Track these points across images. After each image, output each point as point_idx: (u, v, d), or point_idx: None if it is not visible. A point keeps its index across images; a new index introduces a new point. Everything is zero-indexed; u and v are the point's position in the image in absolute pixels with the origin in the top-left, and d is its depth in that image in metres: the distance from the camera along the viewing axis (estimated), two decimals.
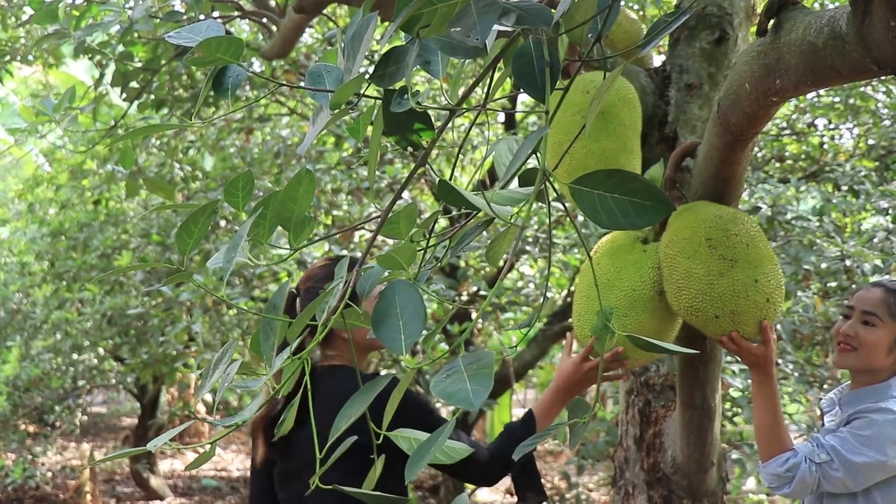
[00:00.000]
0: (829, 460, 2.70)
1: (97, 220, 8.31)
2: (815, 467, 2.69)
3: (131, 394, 10.51)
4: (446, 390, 1.26)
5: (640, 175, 1.46)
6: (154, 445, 1.42)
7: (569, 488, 7.36)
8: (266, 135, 7.81)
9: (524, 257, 6.80)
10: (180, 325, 6.51)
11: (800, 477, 2.69)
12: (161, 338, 6.92)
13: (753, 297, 2.30)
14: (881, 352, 2.82)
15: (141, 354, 7.25)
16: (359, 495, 1.50)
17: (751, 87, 2.08)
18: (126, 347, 7.86)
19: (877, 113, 6.80)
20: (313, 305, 1.48)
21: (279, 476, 2.95)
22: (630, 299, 2.35)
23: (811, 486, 2.71)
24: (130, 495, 10.12)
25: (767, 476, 2.75)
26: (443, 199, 1.55)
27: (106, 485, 10.57)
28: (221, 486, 10.90)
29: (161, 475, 10.35)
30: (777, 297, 2.37)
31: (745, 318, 2.32)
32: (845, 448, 2.69)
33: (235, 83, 1.58)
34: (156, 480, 10.00)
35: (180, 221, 1.66)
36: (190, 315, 6.82)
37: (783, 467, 2.70)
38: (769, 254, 2.36)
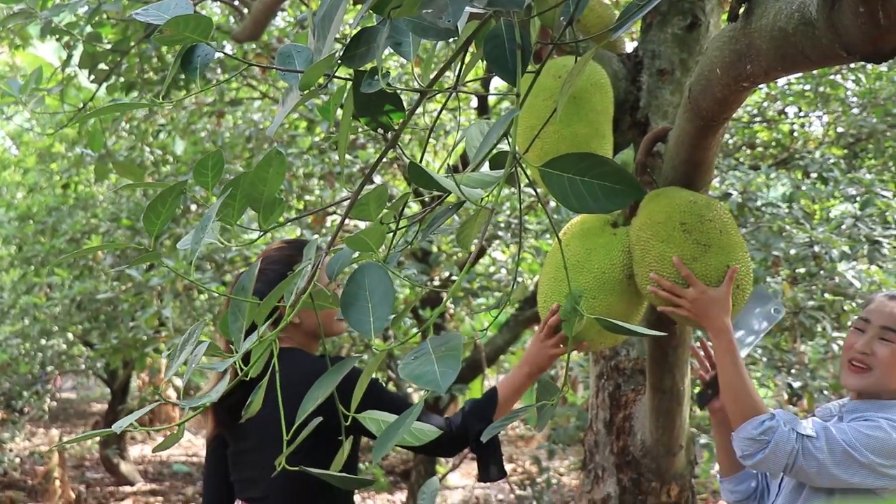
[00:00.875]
0: (814, 436, 2.40)
1: (66, 203, 8.23)
2: (797, 437, 2.39)
3: (101, 379, 10.45)
4: (414, 372, 1.26)
5: (610, 159, 1.46)
6: (119, 427, 1.41)
7: (539, 473, 7.39)
8: (238, 119, 7.77)
9: (496, 242, 6.80)
10: (150, 309, 6.47)
11: (775, 441, 2.39)
12: (131, 323, 6.88)
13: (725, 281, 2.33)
14: (893, 372, 2.53)
15: (111, 339, 7.20)
16: (324, 476, 1.49)
17: (722, 72, 2.08)
18: (96, 332, 7.81)
19: (846, 101, 6.85)
20: (281, 287, 1.47)
21: (231, 458, 2.95)
22: (599, 282, 2.36)
23: (787, 457, 2.40)
24: (100, 481, 10.07)
25: (740, 442, 2.45)
26: (413, 182, 1.54)
27: (75, 470, 10.51)
28: (192, 471, 10.87)
29: (131, 461, 10.30)
30: (746, 283, 2.37)
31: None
32: (841, 435, 2.41)
33: (204, 63, 1.56)
34: (126, 466, 9.95)
35: None
36: (160, 300, 6.78)
37: (758, 430, 2.41)
38: (740, 241, 2.38)
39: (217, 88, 7.34)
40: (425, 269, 6.45)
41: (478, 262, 7.70)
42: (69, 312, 7.70)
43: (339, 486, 1.62)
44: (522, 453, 11.75)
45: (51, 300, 7.83)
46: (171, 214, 1.56)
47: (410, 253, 6.76)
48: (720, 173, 5.76)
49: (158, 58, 5.76)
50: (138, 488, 9.81)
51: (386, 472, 10.68)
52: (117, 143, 7.75)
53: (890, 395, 2.54)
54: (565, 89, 1.58)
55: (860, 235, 4.88)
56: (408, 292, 7.21)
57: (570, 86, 1.57)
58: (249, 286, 1.58)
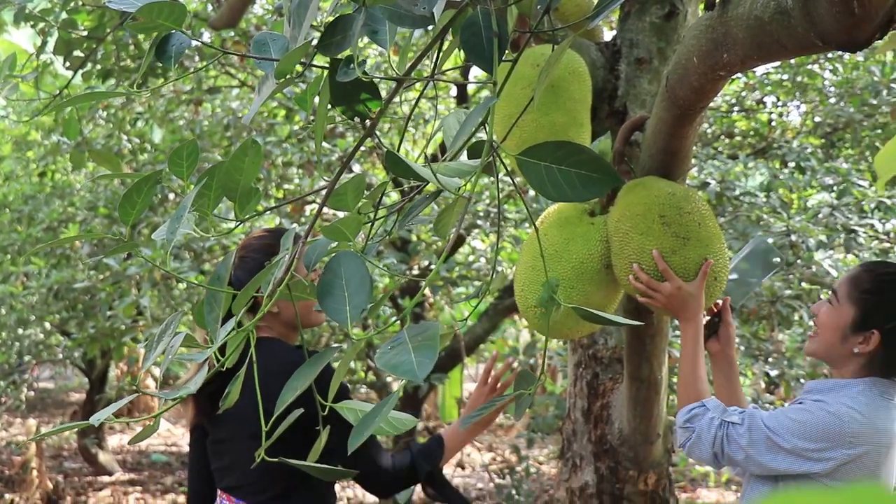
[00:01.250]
0: (738, 423, 2.36)
1: (43, 192, 8.17)
2: (720, 424, 2.36)
3: (79, 369, 10.39)
4: (391, 362, 1.25)
5: (587, 147, 1.46)
6: (97, 419, 1.41)
7: (519, 461, 7.41)
8: (216, 107, 7.73)
9: (475, 231, 6.80)
10: (128, 299, 6.44)
11: (699, 428, 2.38)
12: (109, 312, 6.84)
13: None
14: (835, 335, 2.44)
15: (88, 329, 7.16)
16: (305, 467, 1.49)
17: (699, 61, 2.09)
18: (73, 322, 7.76)
19: (823, 91, 6.88)
20: (259, 277, 1.46)
21: (210, 447, 2.95)
22: (577, 271, 2.36)
23: (711, 445, 2.37)
24: (78, 471, 10.03)
25: (677, 430, 2.47)
26: (390, 170, 1.54)
27: (53, 461, 10.46)
28: (171, 461, 10.84)
29: (109, 450, 10.26)
30: (723, 275, 2.39)
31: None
32: (765, 420, 2.36)
33: (179, 51, 1.55)
34: (104, 456, 9.91)
35: None
36: (138, 289, 6.74)
37: (685, 416, 2.42)
38: (718, 233, 2.39)
39: (195, 76, 7.29)
40: (404, 259, 6.45)
41: (457, 251, 7.70)
42: (46, 301, 7.64)
43: (320, 477, 1.62)
44: (502, 442, 11.78)
45: (27, 289, 7.77)
46: (146, 204, 1.55)
47: (389, 242, 6.76)
48: (698, 162, 5.78)
49: (135, 45, 5.72)
50: (117, 478, 9.78)
51: None
52: (94, 130, 7.69)
53: (842, 368, 2.47)
54: (543, 77, 1.58)
55: (837, 224, 4.91)
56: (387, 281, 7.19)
57: (547, 74, 1.57)
58: (225, 276, 1.57)
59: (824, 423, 2.33)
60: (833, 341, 2.45)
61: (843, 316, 2.43)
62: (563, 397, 6.16)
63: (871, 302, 2.41)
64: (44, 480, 8.56)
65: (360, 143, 1.58)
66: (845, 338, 2.43)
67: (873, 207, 5.08)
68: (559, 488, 3.61)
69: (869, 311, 2.41)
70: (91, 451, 9.72)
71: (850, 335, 2.42)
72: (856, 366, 2.44)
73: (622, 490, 3.39)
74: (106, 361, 9.82)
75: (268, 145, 6.48)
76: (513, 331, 12.03)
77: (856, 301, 2.43)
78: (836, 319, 2.44)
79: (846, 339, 2.43)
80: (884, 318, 2.40)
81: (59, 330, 8.77)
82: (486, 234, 6.94)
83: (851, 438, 2.32)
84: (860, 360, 2.43)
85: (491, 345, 11.43)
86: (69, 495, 8.83)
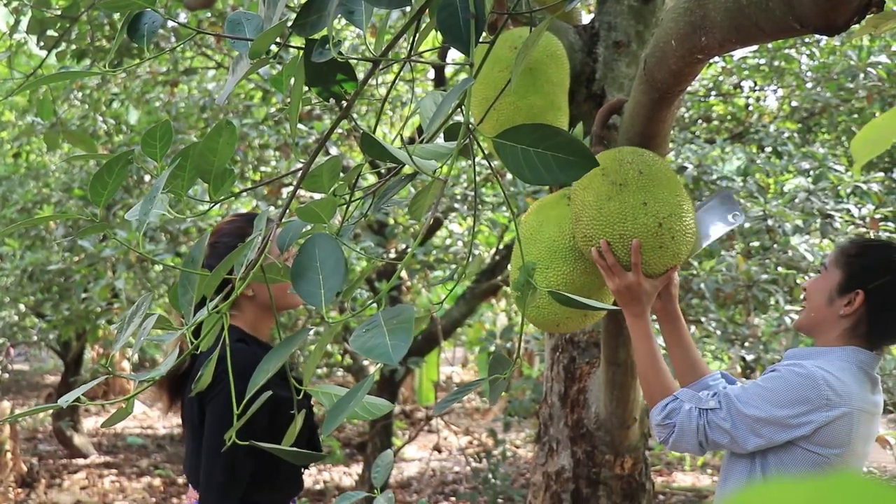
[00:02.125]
0: (716, 408, 2.38)
1: (17, 173, 8.10)
2: (699, 413, 2.38)
3: (54, 351, 10.34)
4: (366, 345, 1.24)
5: (563, 130, 1.44)
6: (65, 401, 1.39)
7: (495, 445, 7.43)
8: (192, 89, 7.67)
9: (453, 215, 6.79)
10: (103, 281, 6.39)
11: (679, 422, 2.39)
12: (84, 294, 6.80)
13: (642, 219, 2.24)
14: (822, 298, 2.50)
15: (63, 311, 7.11)
16: (275, 451, 1.48)
17: (677, 44, 2.08)
18: (48, 304, 7.71)
19: (801, 75, 6.90)
20: (230, 259, 1.45)
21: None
22: (550, 251, 2.35)
23: (695, 435, 2.39)
24: (53, 453, 9.98)
25: (654, 429, 2.47)
26: (366, 152, 1.52)
27: (28, 443, 10.41)
28: (147, 443, 10.81)
29: (85, 433, 10.22)
30: (675, 225, 2.27)
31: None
32: (740, 398, 2.38)
33: (151, 29, 1.53)
34: (79, 438, 9.87)
35: None
36: (114, 272, 6.70)
37: (661, 414, 2.43)
38: (668, 184, 2.30)
39: (171, 57, 7.23)
40: (381, 242, 6.43)
41: (434, 234, 7.69)
42: (21, 283, 7.59)
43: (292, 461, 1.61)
44: (479, 426, 11.80)
45: (2, 271, 7.71)
46: (118, 184, 1.53)
47: (367, 225, 6.74)
48: (676, 147, 5.78)
49: (110, 25, 5.67)
50: (92, 461, 9.74)
51: (342, 444, 10.69)
52: (69, 111, 7.62)
53: (825, 335, 2.52)
54: (520, 59, 1.57)
55: (813, 209, 4.92)
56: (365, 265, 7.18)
57: (524, 56, 1.56)
58: (199, 258, 1.55)
59: (798, 387, 2.36)
60: (820, 305, 2.51)
61: (830, 280, 2.50)
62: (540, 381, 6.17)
63: (857, 264, 2.49)
64: (18, 463, 8.51)
65: (335, 125, 1.56)
66: (832, 300, 2.48)
67: (849, 192, 5.10)
68: (535, 472, 3.60)
69: (854, 272, 2.48)
70: (66, 433, 9.68)
71: (836, 297, 2.48)
72: (840, 332, 2.49)
73: (598, 474, 3.40)
74: (81, 344, 9.77)
75: (244, 127, 6.44)
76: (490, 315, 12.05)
77: (842, 265, 2.50)
78: (823, 284, 2.51)
79: (832, 301, 2.48)
80: (868, 278, 2.47)
81: (33, 312, 8.72)
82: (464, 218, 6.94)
83: (826, 400, 2.34)
84: (845, 324, 2.48)
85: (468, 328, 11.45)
86: (44, 478, 8.79)
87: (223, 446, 2.68)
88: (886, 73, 6.18)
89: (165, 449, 10.61)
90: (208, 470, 2.66)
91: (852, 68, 6.23)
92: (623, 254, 2.28)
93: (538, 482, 3.54)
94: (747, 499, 0.40)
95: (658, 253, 2.28)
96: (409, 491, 9.05)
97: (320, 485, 9.09)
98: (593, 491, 3.40)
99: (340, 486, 8.97)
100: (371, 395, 1.70)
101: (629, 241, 2.26)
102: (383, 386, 7.42)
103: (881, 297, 2.46)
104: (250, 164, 6.88)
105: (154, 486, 8.84)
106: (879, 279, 2.46)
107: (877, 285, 2.46)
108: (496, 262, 7.42)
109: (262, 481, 2.76)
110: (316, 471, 9.54)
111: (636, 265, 2.28)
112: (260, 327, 2.88)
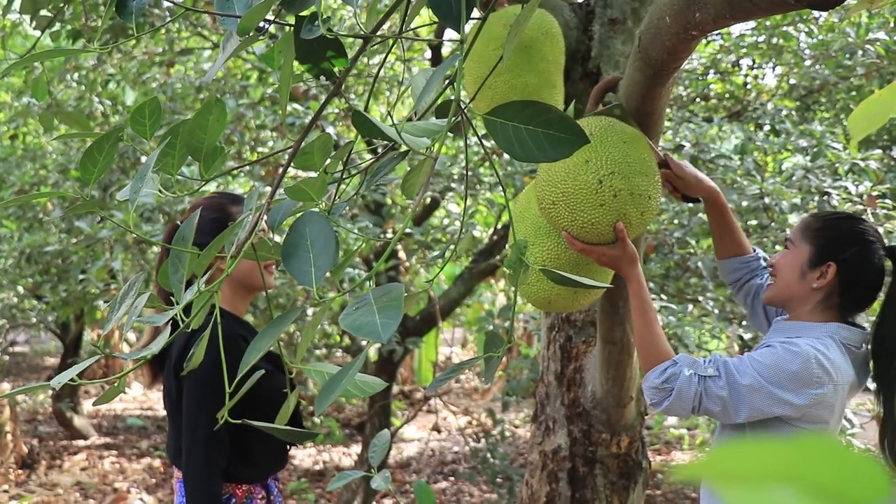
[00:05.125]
0: (715, 375, 2.40)
1: (14, 155, 8.08)
2: (699, 379, 2.39)
3: (53, 333, 10.35)
4: (355, 323, 1.24)
5: (554, 107, 1.43)
6: (58, 381, 1.39)
7: (494, 425, 7.45)
8: (189, 69, 7.64)
9: (450, 195, 6.78)
10: (100, 262, 6.39)
11: (678, 387, 2.40)
12: (81, 276, 6.80)
13: (583, 177, 2.20)
14: (794, 274, 2.54)
15: (60, 292, 7.11)
16: (268, 429, 1.48)
17: (671, 20, 2.07)
18: (46, 286, 7.71)
19: (799, 53, 6.87)
20: (222, 237, 1.44)
21: None
22: (535, 227, 2.35)
23: (692, 401, 2.40)
24: (53, 435, 10.01)
25: (648, 391, 2.46)
26: (357, 129, 1.51)
27: (28, 424, 10.43)
28: (147, 425, 10.83)
29: (85, 415, 10.24)
30: (618, 183, 2.21)
31: (577, 200, 2.23)
32: (738, 369, 2.40)
33: (139, 7, 1.52)
34: (79, 420, 9.89)
35: None
36: (111, 253, 6.69)
37: (661, 378, 2.42)
38: (621, 146, 2.24)
39: (167, 38, 7.20)
40: (378, 222, 6.42)
41: (432, 214, 7.68)
42: (19, 265, 7.59)
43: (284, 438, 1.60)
44: (477, 406, 11.83)
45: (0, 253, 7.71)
46: (109, 161, 1.52)
47: (364, 206, 6.73)
48: (674, 125, 5.77)
49: (104, 5, 5.63)
50: (92, 442, 9.76)
51: (342, 425, 10.71)
52: (65, 92, 7.60)
53: (802, 309, 2.56)
54: (512, 35, 1.56)
55: (811, 187, 4.91)
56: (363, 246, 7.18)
57: (517, 32, 1.55)
58: (189, 236, 1.55)
59: (793, 363, 2.38)
60: (791, 280, 2.55)
61: (800, 255, 2.55)
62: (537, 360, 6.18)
63: (826, 236, 2.54)
64: (18, 444, 8.53)
65: (326, 102, 1.55)
66: (804, 275, 2.54)
67: (847, 170, 5.08)
68: (532, 451, 3.61)
69: (824, 245, 2.53)
70: (66, 415, 9.70)
71: (808, 271, 2.53)
72: (813, 304, 2.55)
73: (595, 453, 3.40)
74: (80, 325, 9.78)
75: (241, 108, 6.42)
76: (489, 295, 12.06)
77: (811, 239, 2.55)
78: (793, 259, 2.55)
79: (804, 275, 2.53)
80: (839, 249, 2.52)
81: (32, 294, 8.72)
82: (461, 198, 6.92)
83: (817, 378, 2.38)
84: (818, 296, 2.54)
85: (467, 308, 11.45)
86: (44, 459, 8.81)
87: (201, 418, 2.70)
88: (885, 50, 6.15)
89: (165, 430, 10.64)
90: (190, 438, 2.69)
91: (851, 45, 6.20)
92: (573, 214, 2.24)
93: (535, 461, 3.55)
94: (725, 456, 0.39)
95: (599, 211, 2.23)
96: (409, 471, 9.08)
97: (319, 465, 9.11)
98: (590, 469, 3.41)
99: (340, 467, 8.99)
100: (369, 375, 1.69)
101: (573, 200, 2.22)
102: (382, 366, 7.43)
103: (851, 268, 2.51)
104: (247, 144, 6.86)
105: (154, 466, 8.87)
106: (849, 250, 2.51)
107: (846, 256, 2.51)
108: (494, 242, 7.41)
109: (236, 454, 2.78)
110: (315, 451, 9.57)
111: (623, 240, 2.28)
112: (237, 304, 2.90)
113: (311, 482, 8.51)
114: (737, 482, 0.39)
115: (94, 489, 8.08)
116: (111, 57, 7.07)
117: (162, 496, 7.94)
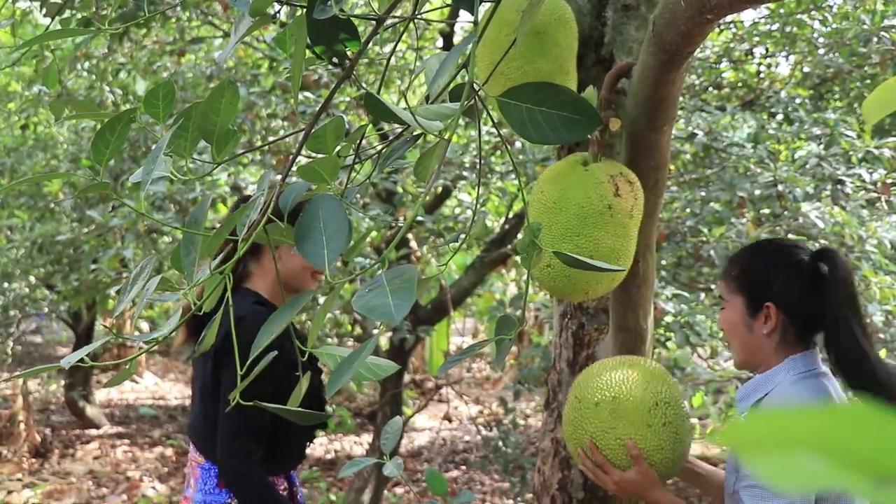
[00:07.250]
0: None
1: (25, 144, 8.09)
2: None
3: (65, 322, 10.39)
4: (368, 304, 1.23)
5: (567, 88, 1.43)
6: (67, 361, 1.38)
7: (506, 413, 7.44)
8: (200, 58, 7.64)
9: (462, 183, 6.76)
10: (111, 251, 6.40)
11: None
12: (93, 265, 6.81)
13: (637, 393, 2.34)
14: (741, 330, 2.39)
15: (72, 282, 7.13)
16: (282, 412, 1.47)
17: (686, 3, 2.05)
18: (58, 275, 7.73)
19: (812, 41, 6.83)
20: (232, 218, 1.43)
21: None
22: (580, 217, 2.28)
23: None
24: (66, 424, 10.04)
25: None
26: (369, 113, 1.50)
27: (40, 414, 10.47)
28: (159, 414, 10.86)
29: (97, 404, 10.28)
30: (672, 416, 2.30)
31: (625, 410, 2.35)
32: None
33: None
34: (92, 409, 9.93)
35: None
36: (122, 242, 6.70)
37: None
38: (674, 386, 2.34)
39: (177, 27, 7.20)
40: (390, 210, 6.42)
41: (444, 203, 7.66)
42: (31, 255, 7.61)
43: (297, 421, 1.60)
44: (489, 395, 11.83)
45: (12, 243, 7.72)
46: (120, 143, 1.52)
47: (375, 194, 6.72)
48: (686, 114, 5.74)
49: None
50: (104, 431, 9.80)
51: (353, 414, 10.73)
52: (76, 82, 7.60)
53: (766, 361, 2.38)
54: (525, 20, 1.54)
55: (824, 175, 4.88)
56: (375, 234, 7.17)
57: (529, 18, 1.54)
58: (202, 220, 1.54)
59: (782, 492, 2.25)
60: (743, 337, 2.39)
61: (736, 308, 2.39)
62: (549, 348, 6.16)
63: (749, 280, 2.38)
64: (31, 433, 8.57)
65: (338, 84, 1.54)
66: (750, 327, 2.37)
67: (861, 158, 5.05)
68: (544, 438, 3.60)
69: (751, 289, 2.37)
70: (78, 404, 9.74)
71: (752, 322, 2.37)
72: (774, 349, 2.37)
73: None
74: (92, 315, 9.80)
75: (252, 96, 6.41)
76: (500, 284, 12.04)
77: (736, 289, 2.40)
78: (732, 316, 2.40)
79: (751, 328, 2.37)
80: (767, 287, 2.36)
81: (44, 283, 8.75)
82: (473, 187, 6.91)
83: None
84: (775, 338, 2.36)
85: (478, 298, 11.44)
86: (57, 448, 8.85)
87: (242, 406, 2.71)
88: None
89: (177, 419, 10.67)
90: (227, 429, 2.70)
91: (865, 33, 6.16)
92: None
93: (547, 448, 3.54)
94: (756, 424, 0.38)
95: (643, 431, 2.32)
96: (420, 460, 9.09)
97: (331, 454, 9.13)
98: None
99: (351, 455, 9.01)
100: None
101: (620, 408, 2.31)
102: (393, 355, 7.42)
103: (790, 298, 2.33)
104: (258, 133, 6.86)
105: (166, 455, 8.90)
106: (776, 282, 2.34)
107: (778, 290, 2.34)
108: (505, 231, 7.40)
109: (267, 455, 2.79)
110: (327, 440, 9.59)
111: (603, 464, 2.30)
112: (279, 297, 2.89)
113: (322, 471, 8.53)
114: (767, 449, 0.38)
115: (107, 478, 8.11)
116: (122, 46, 7.06)
117: (174, 485, 7.97)
